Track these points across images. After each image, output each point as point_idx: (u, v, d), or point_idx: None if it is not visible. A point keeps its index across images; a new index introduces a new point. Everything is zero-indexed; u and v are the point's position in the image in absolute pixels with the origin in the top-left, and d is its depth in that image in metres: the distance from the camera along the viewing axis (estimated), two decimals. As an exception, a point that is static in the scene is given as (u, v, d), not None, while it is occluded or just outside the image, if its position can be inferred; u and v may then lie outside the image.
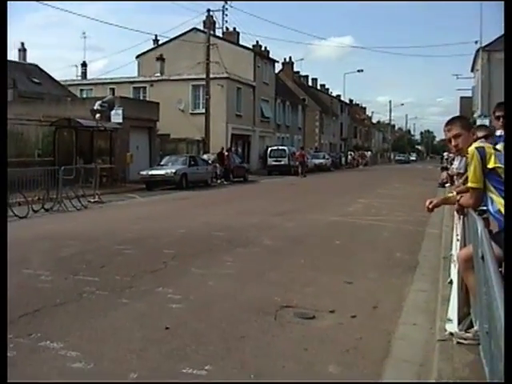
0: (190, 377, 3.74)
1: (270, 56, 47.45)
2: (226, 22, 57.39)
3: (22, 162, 17.60)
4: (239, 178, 29.07)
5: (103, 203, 16.28)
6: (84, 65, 43.31)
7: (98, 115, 21.31)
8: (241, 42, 44.33)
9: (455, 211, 5.13)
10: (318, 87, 72.77)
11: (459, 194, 4.38)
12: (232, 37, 43.16)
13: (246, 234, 9.98)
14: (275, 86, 46.97)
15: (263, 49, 47.15)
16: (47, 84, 32.24)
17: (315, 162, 42.94)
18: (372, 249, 8.77)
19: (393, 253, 8.30)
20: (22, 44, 34.56)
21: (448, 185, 11.96)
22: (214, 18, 36.74)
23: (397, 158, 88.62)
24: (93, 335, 4.53)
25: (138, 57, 43.35)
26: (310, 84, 70.07)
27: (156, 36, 42.39)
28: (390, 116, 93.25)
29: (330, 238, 9.65)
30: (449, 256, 6.60)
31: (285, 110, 49.77)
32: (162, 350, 4.20)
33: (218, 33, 41.30)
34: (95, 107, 22.23)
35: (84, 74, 43.00)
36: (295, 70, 62.53)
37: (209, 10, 33.23)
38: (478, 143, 3.91)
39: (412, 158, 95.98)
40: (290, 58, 60.36)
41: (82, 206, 14.72)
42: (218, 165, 27.45)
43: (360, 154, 65.56)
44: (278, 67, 51.77)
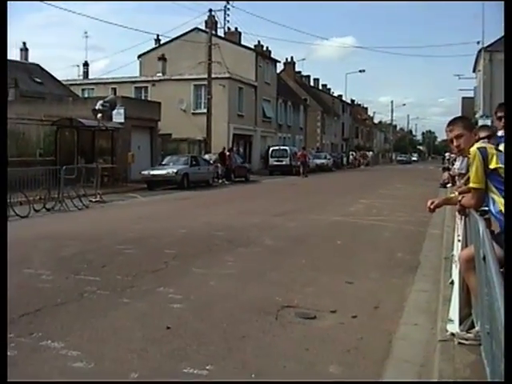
0: (191, 376, 3.74)
1: (272, 56, 47.48)
2: (228, 21, 57.70)
3: (24, 162, 17.63)
4: (241, 178, 29.05)
5: (105, 203, 16.29)
6: (86, 64, 43.40)
7: (99, 115, 21.30)
8: (242, 42, 44.43)
9: (457, 212, 5.13)
10: (320, 87, 72.77)
11: (461, 195, 4.37)
12: (234, 37, 43.18)
13: (247, 234, 9.98)
14: (277, 86, 46.96)
15: (265, 49, 47.14)
16: (49, 84, 32.28)
17: (317, 162, 42.97)
18: (373, 249, 8.76)
19: (394, 253, 8.30)
20: (24, 44, 34.68)
21: (449, 185, 11.95)
22: (216, 18, 36.93)
23: (398, 158, 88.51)
24: (94, 335, 4.53)
25: (139, 56, 43.41)
26: (312, 84, 70.06)
27: (158, 36, 42.54)
28: (392, 116, 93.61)
29: (331, 238, 9.65)
30: (450, 256, 6.59)
31: (286, 110, 49.75)
32: (163, 349, 4.20)
33: (220, 33, 41.38)
34: (97, 107, 22.20)
35: (86, 74, 43.08)
36: (297, 69, 62.58)
37: (210, 10, 33.41)
38: (480, 143, 3.91)
39: (413, 159, 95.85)
40: (292, 58, 60.49)
41: (84, 206, 14.73)
42: (219, 165, 27.43)
43: (361, 154, 65.50)
44: (279, 67, 51.88)
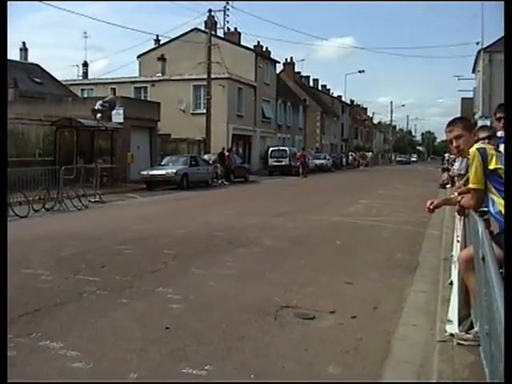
0: (190, 377, 3.74)
1: (272, 56, 47.53)
2: (228, 22, 57.65)
3: (23, 162, 17.62)
4: (240, 179, 29.05)
5: (104, 203, 16.29)
6: (85, 64, 43.40)
7: (98, 115, 21.34)
8: (242, 43, 44.46)
9: (456, 212, 5.13)
10: (319, 88, 72.78)
11: (460, 195, 4.37)
12: (233, 37, 43.19)
13: (246, 235, 9.98)
14: (276, 87, 46.99)
15: (264, 49, 47.21)
16: (48, 84, 32.25)
17: (316, 162, 43.02)
18: (372, 249, 8.76)
19: (393, 253, 8.30)
20: (24, 43, 34.63)
21: (449, 186, 11.98)
22: (216, 19, 36.92)
23: (398, 158, 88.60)
24: (93, 335, 4.53)
25: (139, 57, 43.41)
26: (311, 84, 70.06)
27: (157, 36, 42.52)
28: (391, 117, 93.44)
29: (330, 239, 9.65)
30: (449, 257, 6.59)
31: (286, 110, 49.77)
32: (162, 350, 4.20)
33: (220, 33, 41.41)
34: (96, 107, 22.25)
35: (85, 74, 43.06)
36: (296, 70, 62.58)
37: (210, 11, 33.41)
38: (480, 144, 3.91)
39: (413, 159, 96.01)
40: (292, 58, 60.54)
41: (83, 206, 14.72)
42: (218, 165, 27.43)
43: (361, 154, 65.52)
44: (279, 68, 51.91)
